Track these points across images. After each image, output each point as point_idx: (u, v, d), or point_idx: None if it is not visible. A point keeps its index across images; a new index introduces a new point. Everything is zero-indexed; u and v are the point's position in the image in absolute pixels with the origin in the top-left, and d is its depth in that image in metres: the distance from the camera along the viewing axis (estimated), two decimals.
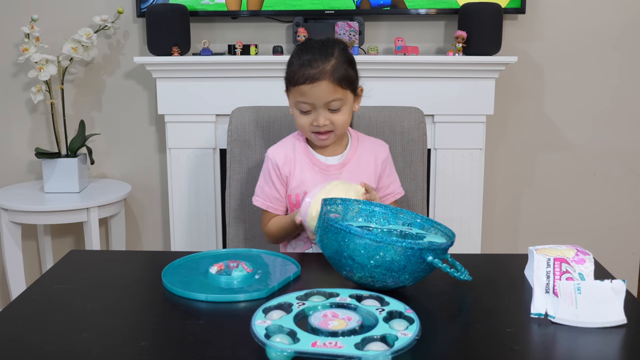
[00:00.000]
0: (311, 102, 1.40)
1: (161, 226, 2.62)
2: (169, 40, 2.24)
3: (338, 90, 1.40)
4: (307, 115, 1.43)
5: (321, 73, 1.38)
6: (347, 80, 1.41)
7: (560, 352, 0.92)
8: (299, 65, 1.40)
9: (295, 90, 1.41)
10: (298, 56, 1.42)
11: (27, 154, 2.55)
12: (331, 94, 1.39)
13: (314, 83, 1.38)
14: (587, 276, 1.03)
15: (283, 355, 0.81)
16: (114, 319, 0.99)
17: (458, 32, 2.21)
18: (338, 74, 1.39)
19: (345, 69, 1.41)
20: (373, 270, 1.02)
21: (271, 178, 1.51)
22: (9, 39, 2.46)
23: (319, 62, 1.39)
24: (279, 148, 1.53)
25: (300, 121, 1.45)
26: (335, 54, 1.41)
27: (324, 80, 1.38)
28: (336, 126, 1.43)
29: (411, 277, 1.04)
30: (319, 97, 1.39)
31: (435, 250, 1.02)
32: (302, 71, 1.39)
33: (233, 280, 1.10)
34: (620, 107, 2.49)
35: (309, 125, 1.43)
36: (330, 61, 1.39)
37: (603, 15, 2.41)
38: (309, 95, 1.39)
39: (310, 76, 1.38)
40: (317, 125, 1.42)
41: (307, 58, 1.39)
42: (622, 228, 2.58)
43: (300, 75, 1.39)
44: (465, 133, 2.30)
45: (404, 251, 1.00)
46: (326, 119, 1.41)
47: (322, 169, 1.49)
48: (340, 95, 1.40)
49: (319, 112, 1.41)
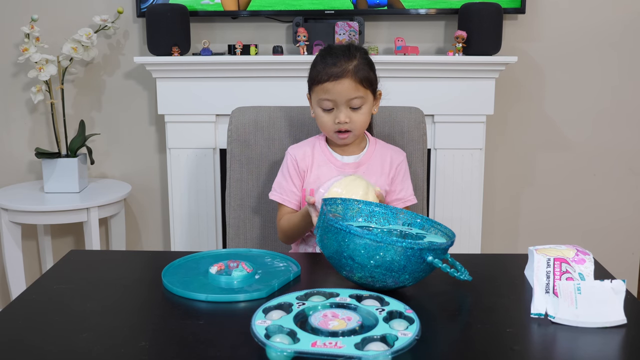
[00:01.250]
0: (333, 99, 1.46)
1: (161, 226, 2.62)
2: (169, 40, 2.24)
3: (360, 88, 1.46)
4: (329, 113, 1.48)
5: (344, 71, 1.45)
6: (368, 81, 1.48)
7: (560, 352, 0.92)
8: (323, 65, 1.47)
9: (318, 88, 1.47)
10: (322, 58, 1.49)
11: (27, 154, 2.55)
12: (353, 92, 1.46)
13: (337, 80, 1.45)
14: (587, 276, 1.03)
15: (283, 355, 0.81)
16: (114, 319, 0.99)
17: (458, 32, 2.21)
18: (360, 73, 1.46)
19: (367, 70, 1.48)
20: (373, 270, 1.02)
21: (289, 172, 1.56)
22: (9, 39, 2.46)
23: (342, 62, 1.46)
24: (300, 145, 1.59)
25: (323, 119, 1.50)
26: (358, 56, 1.48)
27: (347, 78, 1.45)
28: (355, 125, 1.48)
29: (411, 277, 1.04)
30: (341, 93, 1.45)
31: (435, 250, 1.02)
32: (327, 70, 1.46)
33: (233, 280, 1.10)
34: (620, 107, 2.49)
35: (331, 123, 1.48)
36: (352, 62, 1.47)
37: (603, 15, 2.41)
38: (332, 92, 1.45)
39: (334, 74, 1.45)
40: (339, 122, 1.47)
41: (332, 60, 1.47)
42: (622, 228, 2.58)
43: (325, 74, 1.46)
44: (465, 133, 2.30)
45: (404, 251, 1.00)
46: (347, 116, 1.47)
47: (337, 166, 1.54)
48: (361, 94, 1.47)
49: (341, 109, 1.46)
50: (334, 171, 1.53)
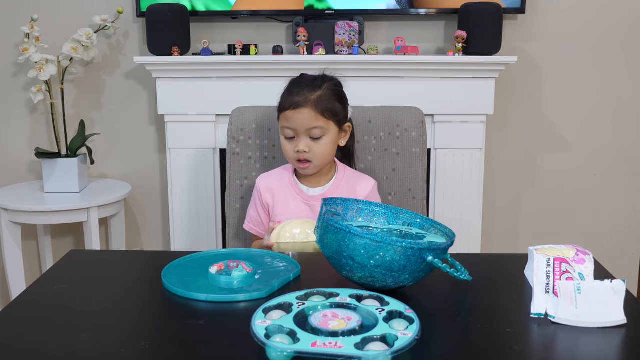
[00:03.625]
0: (294, 127, 1.48)
1: (161, 226, 2.62)
2: (169, 40, 2.24)
3: (320, 119, 1.48)
4: (290, 141, 1.51)
5: (305, 101, 1.47)
6: (330, 112, 1.49)
7: (560, 352, 0.92)
8: (288, 94, 1.51)
9: (282, 116, 1.51)
10: (289, 87, 1.53)
11: (27, 154, 2.55)
12: (312, 121, 1.47)
13: (297, 109, 1.47)
14: (587, 276, 1.03)
15: (283, 355, 0.81)
16: (114, 319, 0.99)
17: (458, 32, 2.21)
18: (322, 104, 1.48)
19: (332, 102, 1.49)
20: (373, 270, 1.02)
21: (255, 203, 1.60)
22: (9, 39, 2.46)
23: (305, 92, 1.48)
24: (267, 177, 1.61)
25: (285, 147, 1.52)
26: (324, 87, 1.50)
27: (307, 107, 1.47)
28: (315, 155, 1.50)
29: (411, 277, 1.04)
30: (300, 122, 1.47)
31: (435, 250, 1.02)
32: (290, 98, 1.49)
33: (233, 280, 1.10)
34: (620, 107, 2.49)
35: (292, 151, 1.51)
36: (316, 92, 1.49)
37: (603, 15, 2.41)
38: (292, 120, 1.48)
39: (295, 103, 1.48)
40: (298, 150, 1.49)
41: (296, 89, 1.50)
42: (622, 228, 2.58)
43: (287, 102, 1.49)
44: (465, 133, 2.30)
45: (404, 251, 1.00)
46: (306, 145, 1.48)
47: (304, 199, 1.55)
48: (321, 124, 1.48)
49: (301, 138, 1.49)
50: (302, 204, 1.54)
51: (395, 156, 1.70)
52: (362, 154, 1.70)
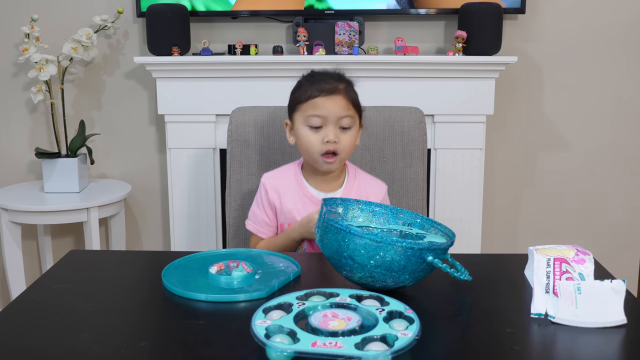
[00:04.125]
0: (324, 115, 1.40)
1: (161, 226, 2.62)
2: (169, 40, 2.24)
3: (350, 108, 1.42)
4: (317, 132, 1.42)
5: (336, 89, 1.41)
6: (356, 103, 1.44)
7: (560, 352, 0.92)
8: (311, 82, 1.43)
9: (307, 105, 1.41)
10: (309, 78, 1.45)
11: (27, 154, 2.55)
12: (344, 110, 1.41)
13: (329, 96, 1.40)
14: (587, 276, 1.03)
15: (283, 355, 0.81)
16: (114, 319, 0.99)
17: (458, 32, 2.21)
18: (350, 94, 1.43)
19: (356, 95, 1.45)
20: (373, 270, 1.02)
21: (262, 203, 1.52)
22: (9, 39, 2.46)
23: (333, 80, 1.42)
24: (273, 175, 1.53)
25: (309, 139, 1.42)
26: (346, 81, 1.45)
27: (339, 95, 1.41)
28: (342, 147, 1.42)
29: (411, 277, 1.04)
30: (333, 110, 1.40)
31: (435, 250, 1.02)
32: (317, 85, 1.41)
33: (233, 280, 1.10)
34: (620, 107, 2.49)
35: (319, 142, 1.41)
36: (342, 82, 1.44)
37: (603, 15, 2.41)
38: (322, 107, 1.40)
39: (326, 89, 1.40)
40: (328, 140, 1.40)
41: (321, 77, 1.43)
42: (622, 228, 2.58)
43: (315, 89, 1.41)
44: (465, 133, 2.30)
45: (404, 251, 1.00)
46: (335, 135, 1.40)
47: (314, 202, 1.47)
48: (352, 113, 1.42)
49: (330, 127, 1.41)
50: (311, 208, 1.46)
51: (395, 156, 1.70)
52: (362, 154, 1.70)
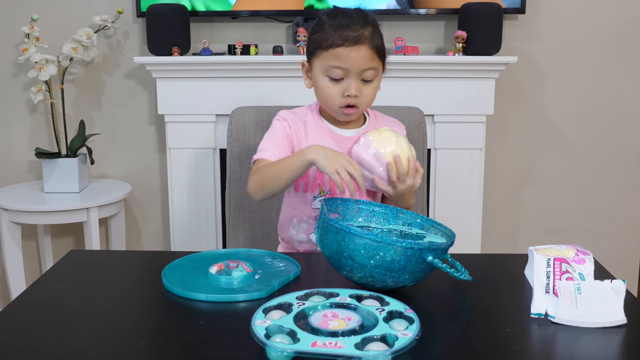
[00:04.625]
0: (346, 67, 1.29)
1: (161, 226, 2.62)
2: (169, 40, 2.24)
3: (375, 59, 1.31)
4: (337, 84, 1.31)
5: (361, 37, 1.28)
6: (382, 51, 1.33)
7: (560, 352, 0.92)
8: (334, 26, 1.29)
9: (328, 54, 1.29)
10: (332, 19, 1.30)
11: (27, 154, 2.55)
12: (369, 61, 1.30)
13: (353, 46, 1.27)
14: (587, 276, 1.03)
15: (283, 355, 0.81)
16: (114, 319, 0.99)
17: (458, 32, 2.21)
18: (376, 41, 1.30)
19: (381, 39, 1.33)
20: (373, 270, 1.02)
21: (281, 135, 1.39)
22: (9, 39, 2.46)
23: (357, 26, 1.28)
24: (293, 112, 1.43)
25: (329, 91, 1.32)
26: (371, 22, 1.31)
27: (364, 45, 1.28)
28: (364, 100, 1.33)
29: (411, 277, 1.04)
30: (356, 62, 1.29)
31: (435, 250, 1.02)
32: (340, 32, 1.27)
33: (233, 280, 1.10)
34: (620, 107, 2.49)
35: (339, 95, 1.32)
36: (368, 27, 1.30)
37: (603, 15, 2.41)
38: (345, 59, 1.28)
39: (351, 38, 1.27)
40: (349, 94, 1.30)
41: (345, 20, 1.28)
42: (622, 228, 2.58)
43: (338, 37, 1.27)
44: (465, 133, 2.30)
45: (404, 251, 1.00)
46: (357, 88, 1.30)
47: (336, 140, 1.38)
48: (375, 65, 1.32)
49: (352, 79, 1.30)
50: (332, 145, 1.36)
51: None
52: None
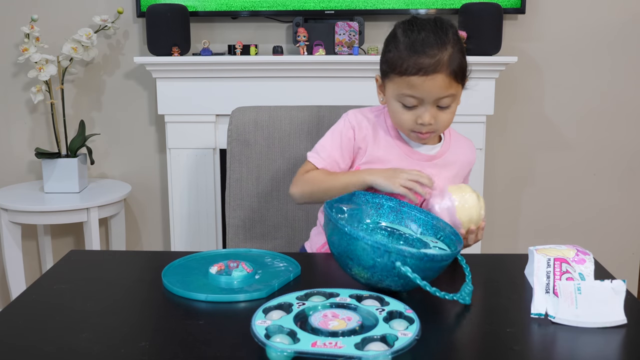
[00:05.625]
0: (420, 97, 1.19)
1: (161, 226, 2.62)
2: (169, 40, 2.24)
3: (452, 85, 1.20)
4: (410, 110, 1.22)
5: (438, 64, 1.16)
6: (462, 74, 1.22)
7: (560, 352, 0.92)
8: (409, 48, 1.17)
9: (401, 80, 1.19)
10: (407, 35, 1.19)
11: (27, 154, 2.55)
12: (445, 90, 1.19)
13: (429, 76, 1.16)
14: (587, 276, 1.03)
15: (283, 355, 0.81)
16: (114, 319, 0.99)
17: (458, 32, 2.21)
18: (454, 65, 1.18)
19: (461, 59, 1.21)
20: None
21: (342, 140, 1.30)
22: (9, 39, 2.46)
23: (435, 48, 1.16)
24: (363, 115, 1.32)
25: (401, 117, 1.23)
26: (451, 38, 1.19)
27: (441, 73, 1.17)
28: (440, 126, 1.24)
29: (392, 280, 1.02)
30: (431, 92, 1.18)
31: (406, 257, 0.98)
32: (415, 59, 1.16)
33: (233, 280, 1.10)
34: (621, 107, 2.49)
35: (411, 122, 1.22)
36: (447, 48, 1.17)
37: (603, 15, 2.41)
38: (420, 88, 1.18)
39: (425, 67, 1.16)
40: (422, 123, 1.21)
41: (421, 43, 1.17)
42: (622, 228, 2.58)
43: (412, 65, 1.16)
44: (465, 133, 2.29)
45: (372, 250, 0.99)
46: (432, 116, 1.21)
47: (407, 154, 1.29)
48: (453, 91, 1.21)
49: (426, 108, 1.21)
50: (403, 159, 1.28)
51: None
52: None
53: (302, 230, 1.70)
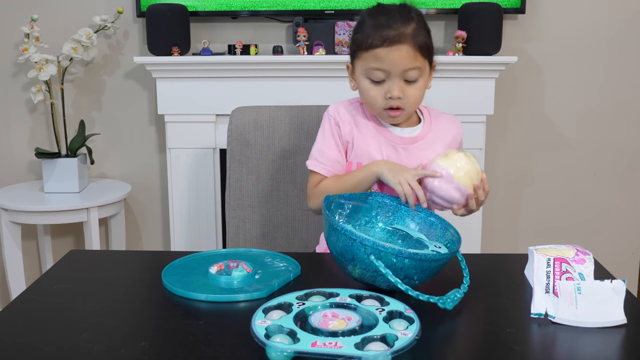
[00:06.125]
0: (387, 69, 1.24)
1: (161, 226, 2.62)
2: (169, 40, 2.24)
3: (418, 57, 1.24)
4: (378, 85, 1.27)
5: (402, 36, 1.22)
6: (427, 49, 1.26)
7: (560, 352, 0.92)
8: (374, 26, 1.23)
9: (367, 55, 1.25)
10: (372, 17, 1.25)
11: (27, 154, 2.55)
12: (411, 61, 1.23)
13: (393, 46, 1.22)
14: (587, 276, 1.03)
15: (283, 355, 0.81)
16: (114, 319, 0.99)
17: (458, 32, 2.21)
18: (419, 39, 1.23)
19: (426, 36, 1.26)
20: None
21: (332, 137, 1.34)
22: (9, 39, 2.46)
23: (398, 23, 1.22)
24: (343, 107, 1.37)
25: (370, 93, 1.28)
26: (415, 18, 1.25)
27: (405, 44, 1.22)
28: (409, 101, 1.27)
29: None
30: (397, 63, 1.23)
31: (380, 251, 0.98)
32: (379, 32, 1.22)
33: (233, 280, 1.10)
34: (621, 107, 2.49)
35: (381, 97, 1.27)
36: (410, 24, 1.23)
37: (603, 15, 2.41)
38: (385, 60, 1.23)
39: (390, 38, 1.21)
40: (391, 97, 1.25)
41: (385, 18, 1.23)
42: (622, 228, 2.58)
43: (377, 37, 1.22)
44: (465, 133, 2.29)
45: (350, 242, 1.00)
46: (400, 90, 1.25)
47: (390, 139, 1.33)
48: (419, 64, 1.25)
49: (394, 81, 1.25)
50: (386, 146, 1.32)
51: None
52: None
53: (302, 230, 1.70)
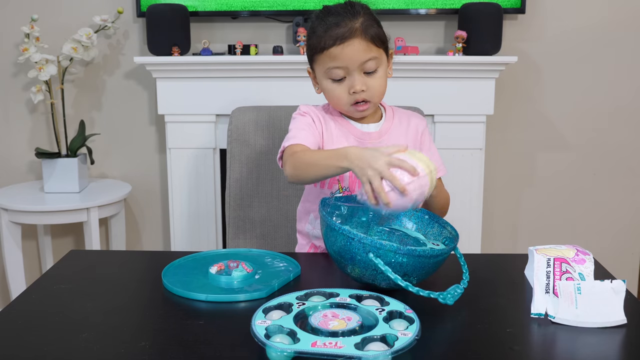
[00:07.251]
0: (344, 66, 1.27)
1: (161, 226, 2.62)
2: (169, 40, 2.24)
3: (372, 48, 1.27)
4: (340, 83, 1.30)
5: (351, 30, 1.25)
6: (379, 38, 1.29)
7: (560, 352, 0.92)
8: (324, 28, 1.27)
9: (323, 56, 1.28)
10: (321, 21, 1.29)
11: (27, 154, 2.55)
12: (365, 53, 1.26)
13: (345, 42, 1.25)
14: (587, 276, 1.03)
15: (283, 355, 0.81)
16: (114, 319, 0.99)
17: (458, 32, 2.21)
18: (370, 30, 1.27)
19: (376, 26, 1.30)
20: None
21: (307, 124, 1.35)
22: (9, 39, 2.46)
23: (346, 20, 1.27)
24: (311, 107, 1.40)
25: (335, 92, 1.31)
26: (362, 11, 1.30)
27: (356, 37, 1.26)
28: (373, 92, 1.30)
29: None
30: (352, 57, 1.26)
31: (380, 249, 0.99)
32: (330, 32, 1.26)
33: (233, 280, 1.10)
34: (620, 107, 2.49)
35: (345, 94, 1.30)
36: (358, 18, 1.27)
37: (603, 15, 2.41)
38: (341, 57, 1.26)
39: (340, 35, 1.25)
40: (354, 91, 1.28)
41: (333, 18, 1.27)
42: (622, 228, 2.58)
43: (329, 38, 1.26)
44: (465, 133, 2.30)
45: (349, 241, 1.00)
46: (362, 83, 1.28)
47: (357, 136, 1.36)
48: (374, 54, 1.28)
49: (354, 76, 1.28)
50: (354, 144, 1.34)
51: None
52: None
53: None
